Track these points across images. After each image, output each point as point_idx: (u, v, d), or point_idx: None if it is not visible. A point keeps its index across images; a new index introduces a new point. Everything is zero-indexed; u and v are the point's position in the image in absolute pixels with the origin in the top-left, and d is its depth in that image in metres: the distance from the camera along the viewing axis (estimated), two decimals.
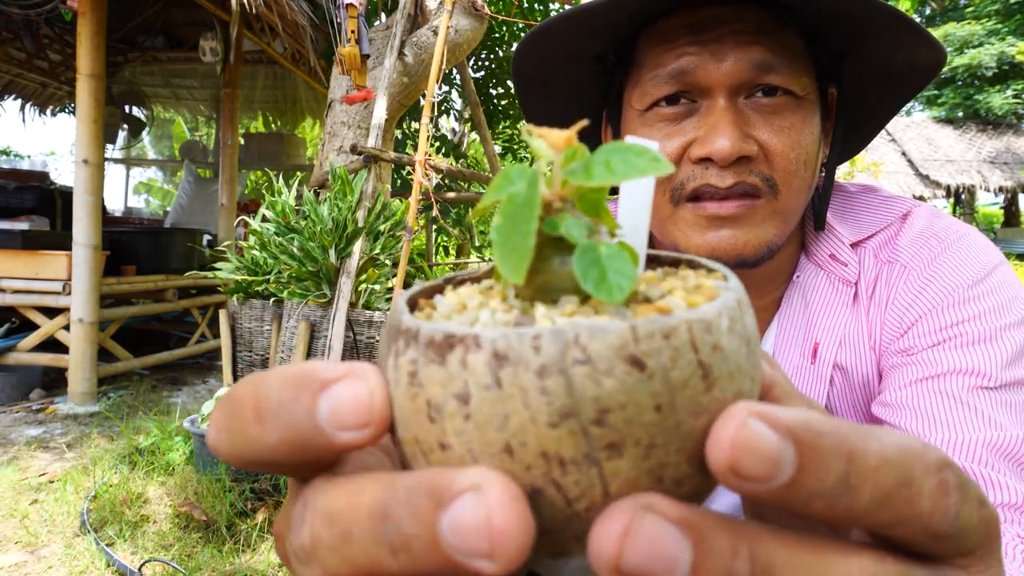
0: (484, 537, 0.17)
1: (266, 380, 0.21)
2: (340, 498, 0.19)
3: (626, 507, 0.17)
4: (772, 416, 0.18)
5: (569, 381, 0.18)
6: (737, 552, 0.17)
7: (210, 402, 3.08)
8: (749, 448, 0.17)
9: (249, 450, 0.21)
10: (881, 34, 0.67)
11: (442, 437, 0.19)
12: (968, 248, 0.71)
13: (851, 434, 0.19)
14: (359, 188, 3.22)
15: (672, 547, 0.17)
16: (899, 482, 0.19)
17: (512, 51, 0.74)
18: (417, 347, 0.19)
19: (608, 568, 0.17)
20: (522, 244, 0.20)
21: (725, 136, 0.63)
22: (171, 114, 10.59)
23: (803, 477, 0.18)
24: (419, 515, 0.18)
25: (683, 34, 0.66)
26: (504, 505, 0.17)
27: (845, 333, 0.74)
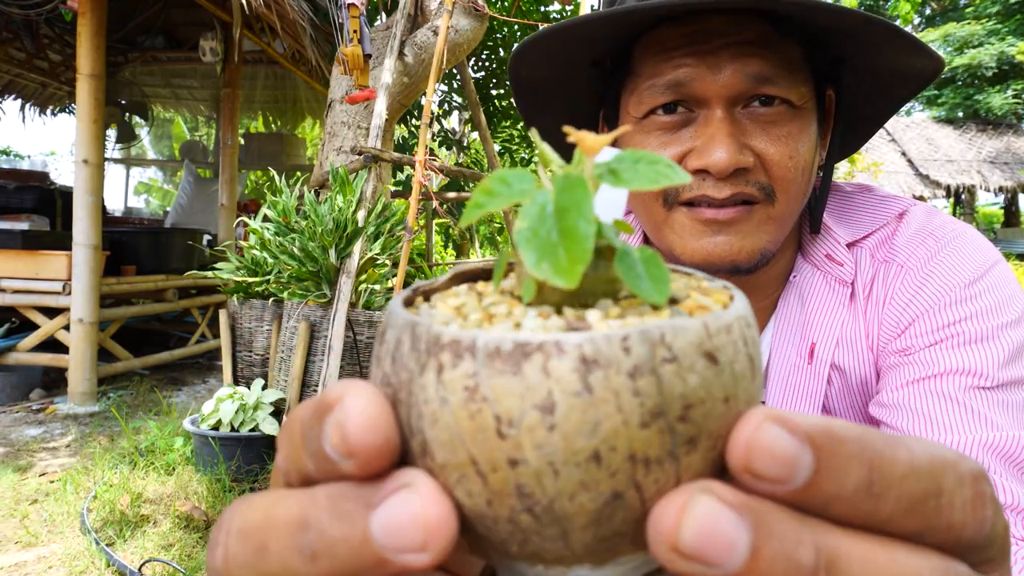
0: (420, 529, 0.17)
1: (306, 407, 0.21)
2: (255, 514, 0.20)
3: (685, 489, 0.18)
4: (790, 421, 0.18)
5: (659, 380, 0.18)
6: (801, 540, 0.17)
7: (210, 402, 3.08)
8: (764, 450, 0.18)
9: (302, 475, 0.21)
10: (879, 44, 0.67)
11: (515, 452, 0.18)
12: (965, 247, 0.71)
13: (877, 442, 0.19)
14: (359, 188, 3.22)
15: (729, 529, 0.17)
16: (928, 492, 0.19)
17: (514, 49, 0.74)
18: (475, 359, 0.18)
19: (667, 546, 0.17)
20: (579, 248, 0.19)
21: (722, 148, 0.63)
22: (171, 114, 10.59)
23: (820, 481, 0.18)
24: (346, 518, 0.18)
25: (680, 44, 0.66)
26: (435, 499, 0.18)
27: (842, 333, 0.74)
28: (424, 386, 0.19)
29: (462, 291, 0.24)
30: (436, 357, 0.19)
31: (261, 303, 3.38)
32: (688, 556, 0.17)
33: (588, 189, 0.20)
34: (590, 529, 0.19)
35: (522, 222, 0.20)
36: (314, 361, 3.11)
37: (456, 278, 0.26)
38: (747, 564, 0.17)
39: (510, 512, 0.19)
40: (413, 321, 0.20)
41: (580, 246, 0.19)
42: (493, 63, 6.93)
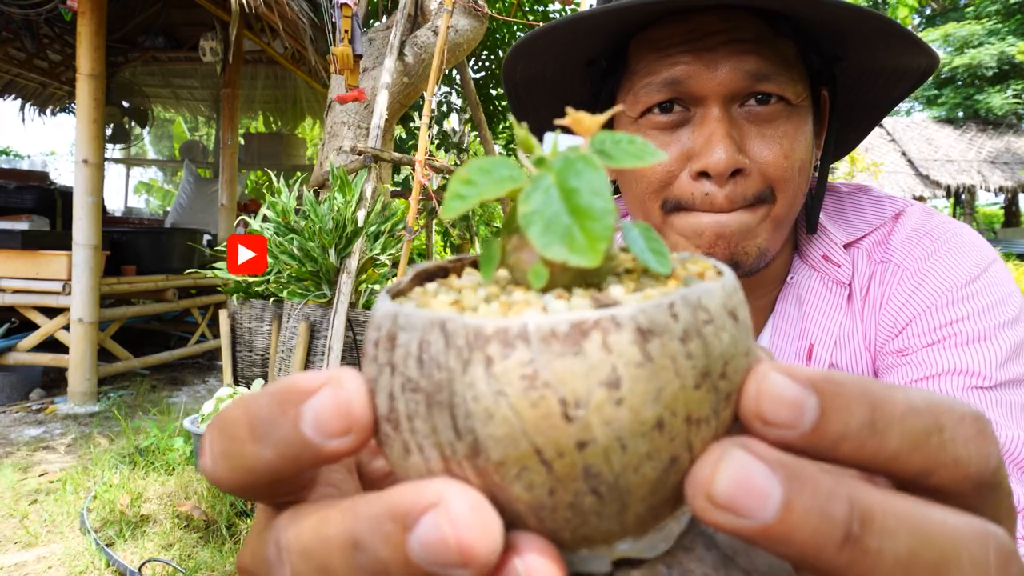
0: (454, 550, 0.17)
1: (255, 399, 0.21)
2: (309, 532, 0.20)
3: (721, 444, 0.19)
4: (794, 370, 0.20)
5: (705, 341, 0.19)
6: (834, 492, 0.18)
7: (210, 402, 3.08)
8: (773, 397, 0.19)
9: (248, 471, 0.21)
10: (875, 42, 0.67)
11: (583, 434, 0.18)
12: (961, 247, 0.71)
13: (875, 386, 0.20)
14: (359, 188, 3.22)
15: (763, 480, 0.17)
16: (929, 428, 0.20)
17: (509, 50, 0.74)
18: (529, 346, 0.18)
19: (702, 495, 0.18)
20: (599, 226, 0.19)
21: (720, 149, 0.63)
22: (171, 114, 10.60)
23: (826, 422, 0.19)
24: (389, 540, 0.18)
25: (676, 42, 0.65)
26: (467, 516, 0.17)
27: (840, 334, 0.74)
28: (471, 383, 0.18)
29: (434, 289, 0.23)
30: (482, 351, 0.18)
31: (261, 303, 3.38)
32: (722, 506, 0.18)
33: (599, 167, 0.20)
34: (647, 499, 0.19)
35: (526, 206, 0.20)
36: (314, 361, 3.11)
37: (417, 278, 0.25)
38: (780, 515, 0.17)
39: (573, 496, 0.19)
40: (442, 318, 0.19)
41: (600, 223, 0.19)
42: (493, 63, 6.93)
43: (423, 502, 0.18)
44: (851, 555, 0.17)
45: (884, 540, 0.18)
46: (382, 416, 0.20)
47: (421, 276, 0.25)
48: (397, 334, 0.19)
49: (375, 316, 0.21)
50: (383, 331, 0.20)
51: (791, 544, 0.17)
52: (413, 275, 0.25)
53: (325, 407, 0.19)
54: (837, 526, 0.17)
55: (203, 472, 0.22)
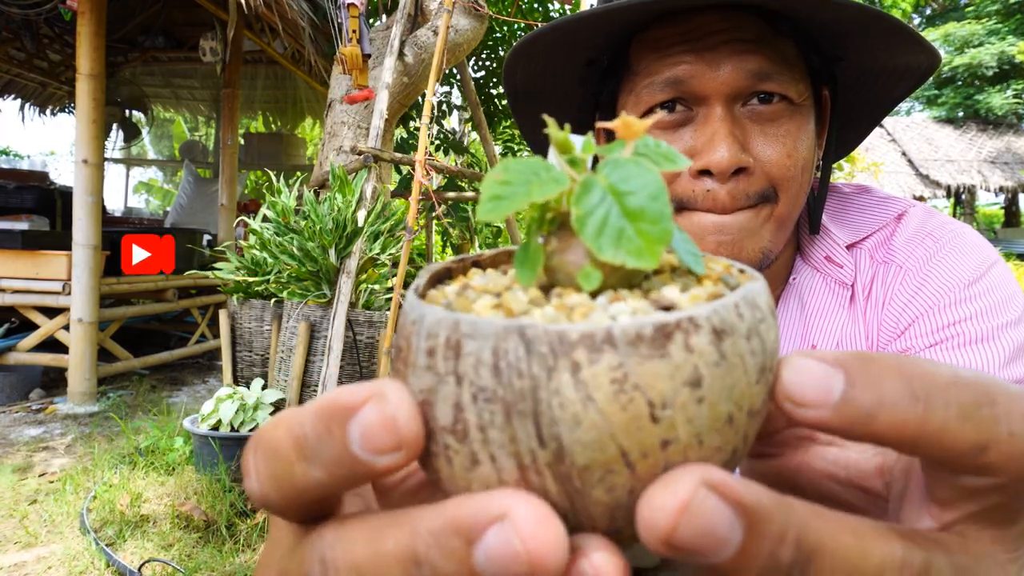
0: (524, 562, 0.17)
1: (298, 418, 0.20)
2: (363, 548, 0.19)
3: (688, 479, 0.17)
4: (819, 352, 0.20)
5: (761, 338, 0.20)
6: (784, 538, 0.18)
7: (210, 402, 3.08)
8: (800, 377, 0.20)
9: (299, 491, 0.20)
10: (877, 40, 0.67)
11: (668, 433, 0.18)
12: (963, 247, 0.71)
13: (915, 359, 0.20)
14: (359, 188, 3.22)
15: (726, 529, 0.17)
16: (980, 400, 0.19)
17: (509, 51, 0.73)
18: (616, 350, 0.18)
19: (660, 536, 0.17)
20: (657, 228, 0.20)
21: (723, 147, 0.63)
22: (171, 114, 10.60)
23: (855, 393, 0.19)
24: (453, 555, 0.18)
25: (678, 42, 0.65)
26: (534, 526, 0.17)
27: (842, 335, 0.74)
28: (558, 390, 0.18)
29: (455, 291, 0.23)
30: (567, 357, 0.18)
31: (261, 303, 3.38)
32: (679, 548, 0.17)
33: (653, 170, 0.21)
34: None
35: (580, 208, 0.20)
36: (314, 361, 3.11)
37: (432, 280, 0.25)
38: (733, 557, 0.17)
39: None
40: (520, 325, 0.18)
41: (658, 226, 0.20)
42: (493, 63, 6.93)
43: (489, 515, 0.17)
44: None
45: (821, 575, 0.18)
46: (442, 427, 0.19)
47: (434, 279, 0.25)
48: (462, 342, 0.19)
49: (423, 323, 0.20)
50: (440, 339, 0.19)
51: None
52: (428, 278, 0.24)
53: (372, 423, 0.19)
54: (781, 569, 0.18)
55: (250, 494, 0.21)
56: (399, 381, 0.20)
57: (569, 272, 0.22)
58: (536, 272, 0.22)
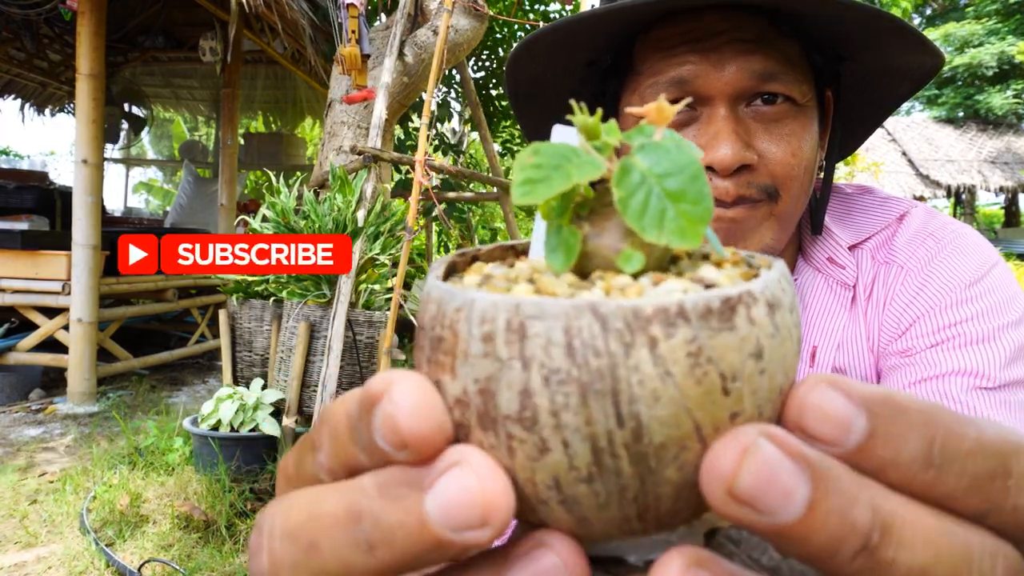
0: (478, 505, 0.17)
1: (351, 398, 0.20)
2: (298, 513, 0.19)
3: (748, 431, 0.17)
4: (847, 385, 0.19)
5: (795, 312, 0.21)
6: (858, 499, 0.17)
7: (210, 402, 3.08)
8: (817, 409, 0.19)
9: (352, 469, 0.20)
10: (880, 41, 0.67)
11: (736, 406, 0.18)
12: (965, 248, 0.71)
13: (943, 416, 0.19)
14: (359, 188, 3.22)
15: (788, 478, 0.17)
16: (995, 472, 0.18)
17: (512, 51, 0.73)
18: (690, 324, 0.18)
19: (722, 489, 0.17)
20: (699, 208, 0.20)
21: (727, 145, 0.63)
22: (171, 114, 10.60)
23: (874, 446, 0.18)
24: (400, 503, 0.18)
25: (682, 42, 0.65)
26: (490, 473, 0.17)
27: (843, 336, 0.74)
28: (636, 366, 0.17)
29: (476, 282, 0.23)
30: (644, 332, 0.18)
31: (261, 303, 3.38)
32: (743, 501, 0.17)
33: (691, 152, 0.21)
34: None
35: (621, 191, 0.20)
36: (314, 361, 3.11)
37: (447, 272, 0.25)
38: (802, 517, 0.17)
39: None
40: (591, 302, 0.18)
41: (700, 206, 0.20)
42: (493, 63, 6.93)
43: (444, 462, 0.18)
44: (864, 563, 0.17)
45: (900, 552, 0.17)
46: (504, 416, 0.18)
47: (451, 269, 0.25)
48: (527, 324, 0.18)
49: (473, 309, 0.19)
50: (499, 323, 0.18)
51: (806, 546, 0.17)
52: (444, 269, 0.24)
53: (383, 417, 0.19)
54: (858, 535, 0.17)
55: (319, 466, 0.21)
56: (444, 373, 0.19)
57: (606, 256, 0.21)
58: (572, 257, 0.21)
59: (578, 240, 0.21)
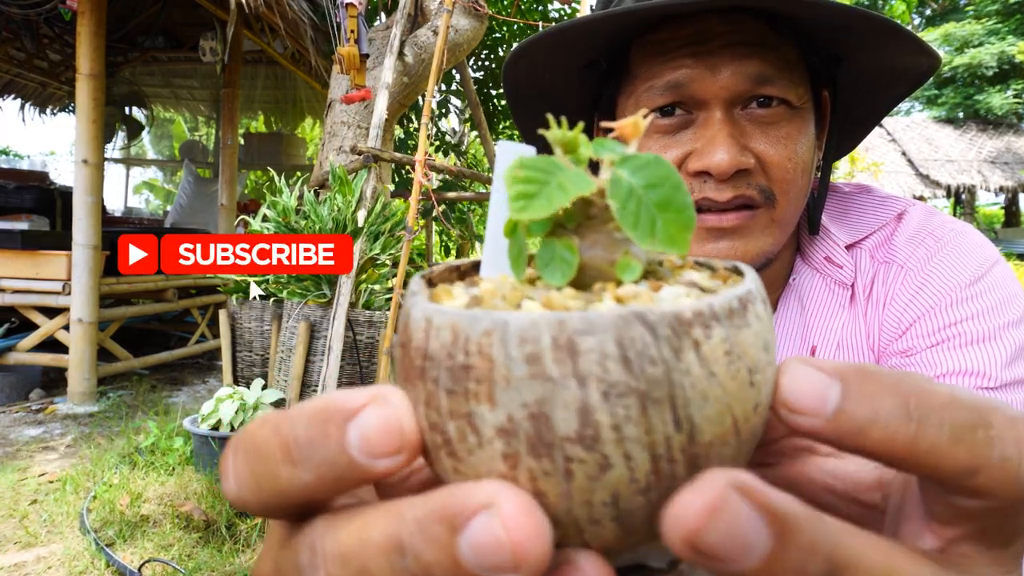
0: (507, 551, 0.17)
1: (289, 419, 0.20)
2: (350, 537, 0.19)
3: (718, 480, 0.17)
4: (819, 361, 0.20)
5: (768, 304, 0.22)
6: (815, 550, 0.17)
7: (210, 402, 3.08)
8: (797, 384, 0.20)
9: (280, 494, 0.20)
10: (876, 43, 0.67)
11: (757, 396, 0.20)
12: (965, 246, 0.70)
13: (914, 376, 0.20)
14: (359, 188, 3.22)
15: (753, 535, 0.17)
16: (975, 422, 0.19)
17: (509, 54, 0.73)
18: (721, 324, 0.19)
19: (681, 538, 0.17)
20: (683, 217, 0.21)
21: (723, 150, 0.63)
22: (171, 114, 10.60)
23: (851, 406, 0.19)
24: (436, 542, 0.18)
25: (678, 45, 0.65)
26: (519, 516, 0.17)
27: (843, 335, 0.73)
28: (687, 370, 0.18)
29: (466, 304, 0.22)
30: (688, 336, 0.18)
31: (261, 303, 3.38)
32: (702, 552, 0.17)
33: (670, 166, 0.22)
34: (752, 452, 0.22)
35: (617, 203, 0.21)
36: (314, 361, 3.11)
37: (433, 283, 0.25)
38: (757, 568, 0.17)
39: (744, 458, 0.21)
40: (637, 311, 0.18)
41: (684, 215, 0.21)
42: (493, 63, 6.93)
43: (474, 503, 0.17)
44: None
45: None
46: (563, 438, 0.18)
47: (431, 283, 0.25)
48: (576, 340, 0.18)
49: (508, 330, 0.18)
50: (544, 342, 0.18)
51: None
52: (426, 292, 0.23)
53: (372, 426, 0.19)
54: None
55: (226, 495, 0.21)
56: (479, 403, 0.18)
57: (599, 267, 0.22)
58: (572, 271, 0.21)
59: (576, 253, 0.22)
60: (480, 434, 0.18)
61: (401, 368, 0.21)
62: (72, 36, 4.65)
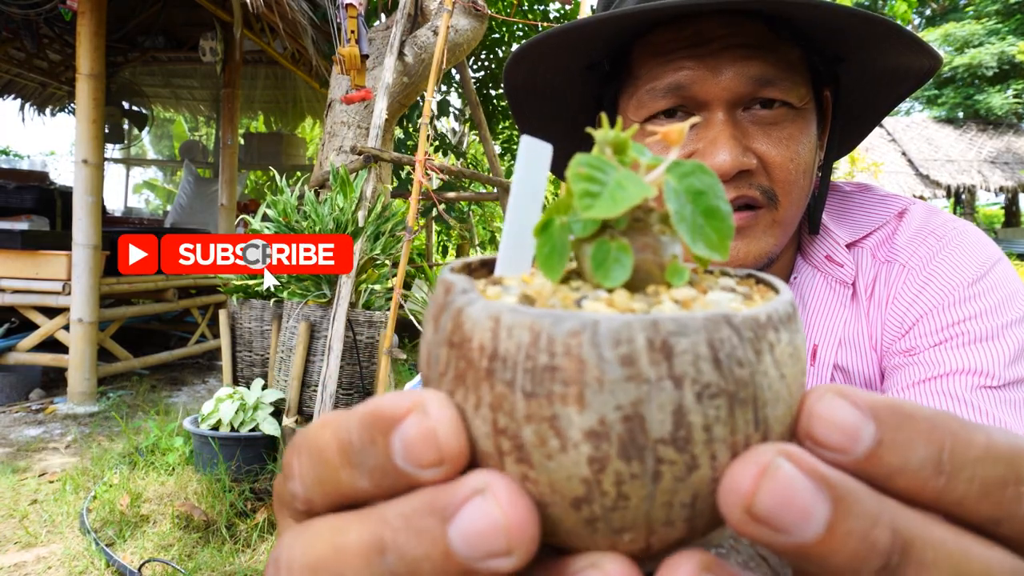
0: (502, 534, 0.17)
1: (346, 422, 0.20)
2: (321, 545, 0.19)
3: (765, 450, 0.17)
4: (854, 394, 0.19)
5: None
6: (879, 519, 0.17)
7: (210, 402, 3.08)
8: (825, 418, 0.19)
9: (344, 497, 0.20)
10: (878, 43, 0.67)
11: (799, 397, 0.20)
12: (967, 245, 0.70)
13: (951, 423, 0.19)
14: (359, 188, 3.22)
15: (807, 498, 0.17)
16: (1006, 478, 0.18)
17: (510, 55, 0.73)
18: (785, 327, 0.20)
19: (740, 506, 0.17)
20: (725, 225, 0.21)
21: (725, 151, 0.63)
22: (171, 114, 10.60)
23: (883, 453, 0.18)
24: (425, 535, 0.17)
25: (680, 47, 0.65)
26: (513, 500, 0.17)
27: (844, 334, 0.73)
28: (766, 371, 0.19)
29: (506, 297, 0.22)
30: (765, 339, 0.19)
31: (261, 303, 3.38)
32: (761, 520, 0.17)
33: (714, 175, 0.22)
34: None
35: (672, 207, 0.21)
36: (314, 361, 3.11)
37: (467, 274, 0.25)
38: (822, 536, 0.17)
39: None
40: (724, 314, 0.18)
41: (726, 223, 0.21)
42: (493, 63, 6.92)
43: (465, 491, 0.17)
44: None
45: (921, 572, 0.17)
46: (656, 440, 0.18)
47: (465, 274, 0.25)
48: (671, 341, 0.18)
49: (599, 331, 0.18)
50: (639, 343, 0.17)
51: (826, 565, 0.17)
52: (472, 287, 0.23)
53: (414, 436, 0.18)
54: (878, 555, 0.17)
55: (293, 496, 0.21)
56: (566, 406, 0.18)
57: (648, 270, 0.22)
58: (628, 272, 0.21)
59: (631, 255, 0.21)
60: (565, 437, 0.18)
61: (454, 370, 0.19)
62: (72, 36, 4.65)
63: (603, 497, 0.18)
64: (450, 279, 0.21)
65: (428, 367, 0.21)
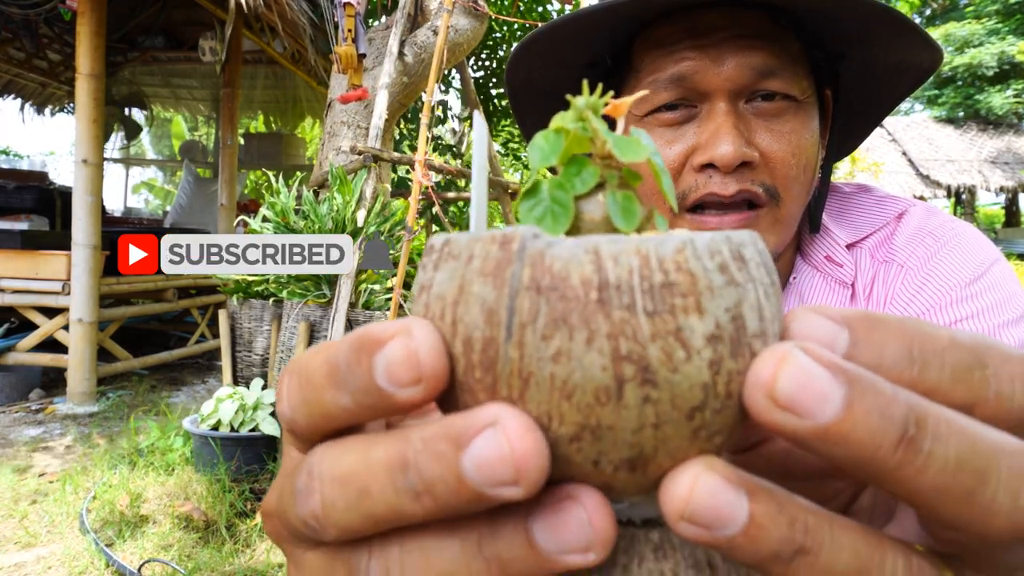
0: (510, 465, 0.18)
1: (336, 347, 0.21)
2: (351, 459, 0.21)
3: (783, 344, 0.19)
4: (826, 309, 0.21)
5: None
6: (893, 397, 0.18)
7: (210, 402, 3.08)
8: (804, 331, 0.20)
9: (326, 416, 0.21)
10: (881, 36, 0.66)
11: None
12: (964, 245, 0.70)
13: (917, 322, 0.21)
14: (358, 188, 3.22)
15: (824, 382, 0.18)
16: (972, 363, 0.20)
17: (512, 51, 0.73)
18: None
19: (763, 393, 0.18)
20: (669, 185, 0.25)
21: (728, 141, 0.62)
22: (171, 114, 10.60)
23: (858, 351, 0.20)
24: (441, 458, 0.19)
25: (681, 39, 0.65)
26: (522, 434, 0.18)
27: None
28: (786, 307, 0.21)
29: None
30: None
31: (261, 303, 3.38)
32: (783, 405, 0.18)
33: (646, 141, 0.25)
34: None
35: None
36: None
37: None
38: (841, 415, 0.18)
39: None
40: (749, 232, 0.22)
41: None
42: (493, 63, 6.93)
43: (479, 423, 0.19)
44: (904, 456, 0.18)
45: (936, 443, 0.18)
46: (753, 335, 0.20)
47: None
48: (743, 251, 0.20)
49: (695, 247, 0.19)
50: (726, 253, 0.20)
51: (848, 444, 0.18)
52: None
53: (396, 357, 0.20)
54: (895, 426, 0.18)
55: (280, 417, 0.23)
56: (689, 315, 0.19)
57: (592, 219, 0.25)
58: (638, 217, 0.24)
59: (639, 203, 0.24)
60: (689, 346, 0.19)
61: (548, 314, 0.19)
62: (72, 36, 4.65)
63: (715, 400, 0.19)
64: (504, 232, 0.21)
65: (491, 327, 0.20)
